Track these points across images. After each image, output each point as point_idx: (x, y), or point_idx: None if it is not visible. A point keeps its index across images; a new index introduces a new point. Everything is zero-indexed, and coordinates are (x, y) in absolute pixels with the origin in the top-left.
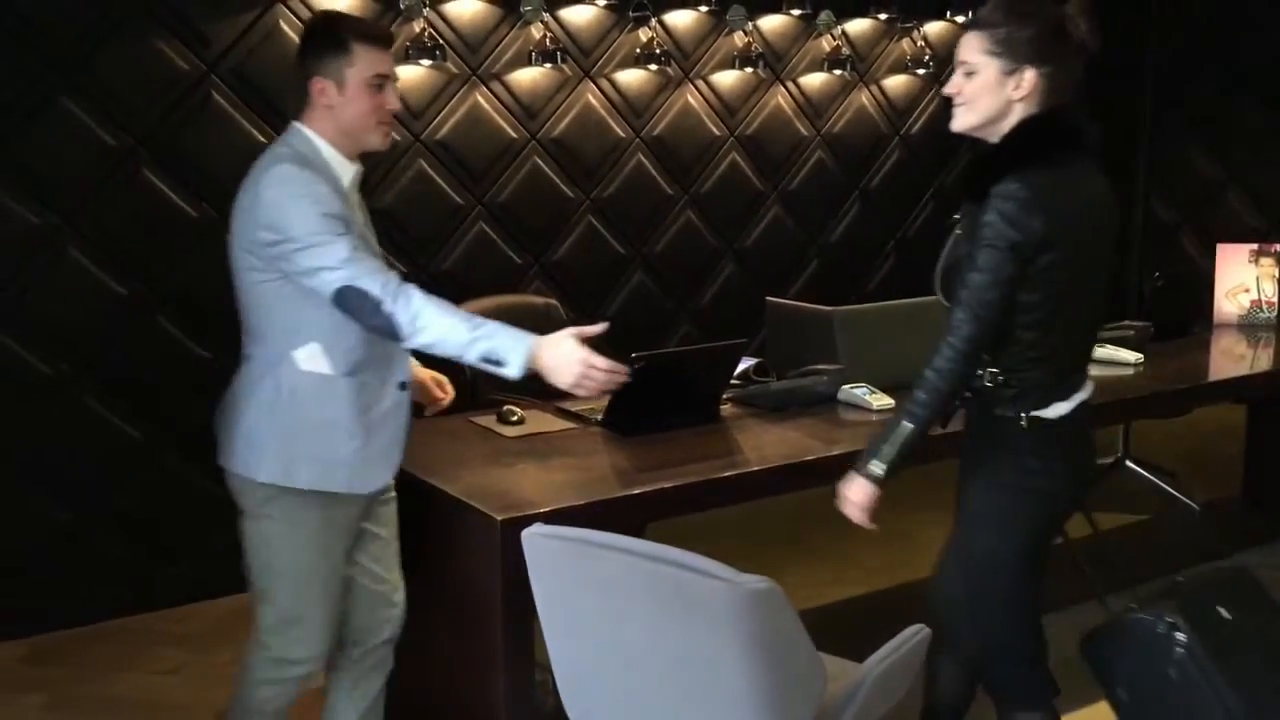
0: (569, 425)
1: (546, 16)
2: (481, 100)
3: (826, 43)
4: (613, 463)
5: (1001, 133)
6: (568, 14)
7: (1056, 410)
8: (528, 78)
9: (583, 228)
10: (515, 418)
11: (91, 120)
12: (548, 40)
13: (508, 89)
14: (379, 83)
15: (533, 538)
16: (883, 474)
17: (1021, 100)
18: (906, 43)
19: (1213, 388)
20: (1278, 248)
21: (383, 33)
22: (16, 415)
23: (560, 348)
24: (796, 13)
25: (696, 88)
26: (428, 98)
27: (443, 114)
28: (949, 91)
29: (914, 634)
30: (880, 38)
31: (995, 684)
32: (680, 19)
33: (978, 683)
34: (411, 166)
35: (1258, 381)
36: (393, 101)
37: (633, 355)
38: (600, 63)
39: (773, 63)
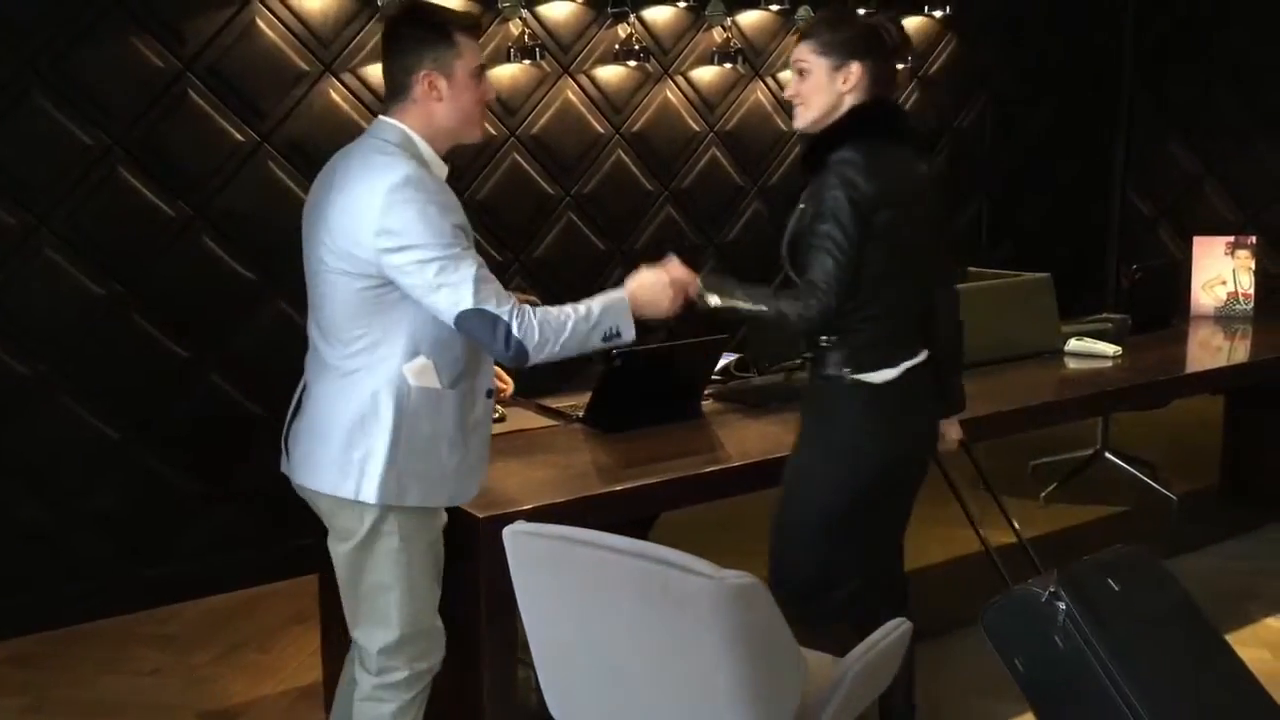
0: (550, 422)
1: (525, 13)
2: None
3: None
4: (594, 459)
5: None
6: (546, 10)
7: (882, 375)
8: (507, 74)
9: (563, 224)
10: (496, 415)
11: (67, 119)
12: (526, 36)
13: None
14: (480, 73)
15: (514, 535)
16: (710, 303)
17: (850, 92)
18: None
19: (1190, 379)
20: (1254, 240)
21: (477, 22)
22: None
23: (645, 283)
24: (775, 8)
25: (676, 83)
26: None
27: None
28: (788, 95)
29: (895, 628)
30: None
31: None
32: (659, 15)
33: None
34: None
35: (1235, 373)
36: (491, 90)
37: (613, 352)
38: (579, 59)
39: (751, 58)
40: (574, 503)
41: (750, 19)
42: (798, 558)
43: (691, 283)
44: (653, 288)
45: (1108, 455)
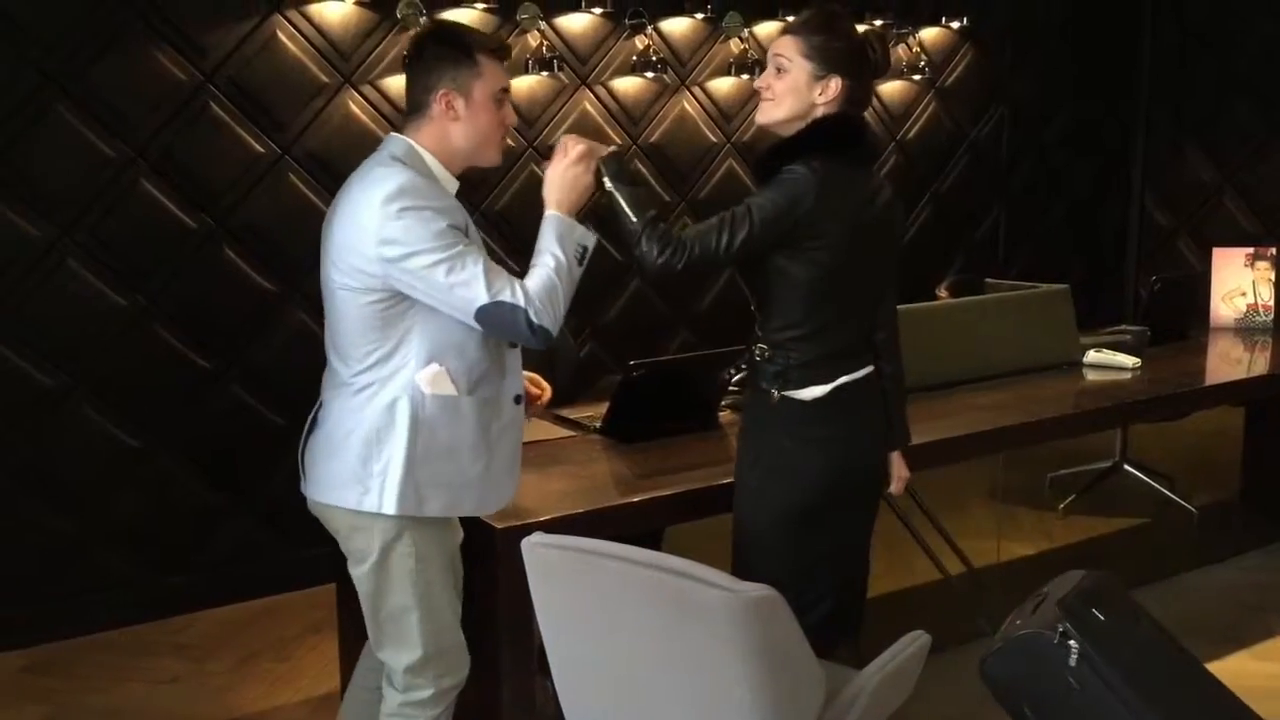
0: (567, 433)
1: (543, 25)
2: None
3: None
4: (612, 470)
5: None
6: (564, 22)
7: (811, 393)
8: (525, 86)
9: None
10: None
11: (89, 131)
12: (544, 48)
13: None
14: (502, 97)
15: (532, 547)
16: (604, 182)
17: (824, 105)
18: (902, 48)
19: (1210, 391)
20: (1273, 251)
21: (503, 45)
22: (15, 425)
23: (555, 183)
24: (791, 19)
25: (693, 94)
26: None
27: None
28: (758, 85)
29: (912, 640)
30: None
31: None
32: (676, 26)
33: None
34: None
35: (1255, 385)
36: (511, 116)
37: (630, 363)
38: (597, 70)
39: None
40: (591, 514)
41: (768, 30)
42: (752, 579)
43: (596, 150)
44: (562, 180)
45: (1127, 467)
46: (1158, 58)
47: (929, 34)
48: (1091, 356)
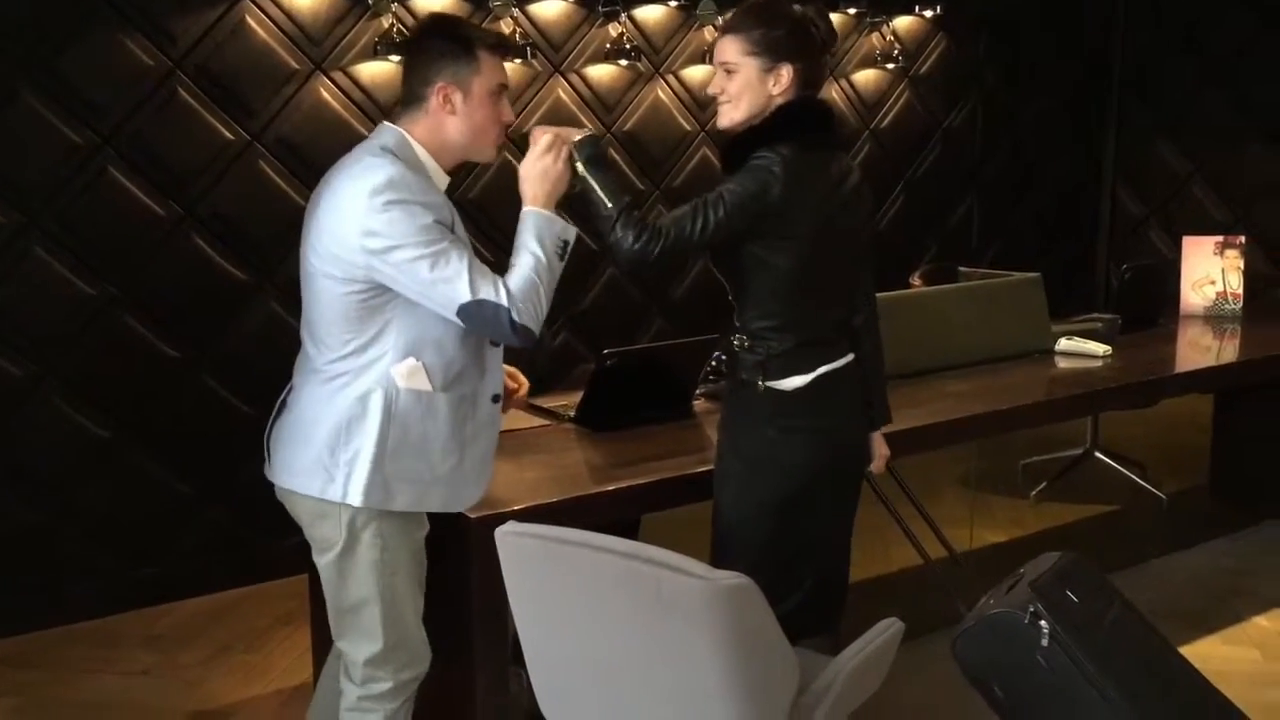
0: (541, 422)
1: (516, 12)
2: None
3: None
4: (586, 459)
5: None
6: (537, 9)
7: (793, 383)
8: None
9: None
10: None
11: (56, 118)
12: (517, 35)
13: None
14: (499, 93)
15: (506, 536)
16: (576, 167)
17: (781, 94)
18: (876, 37)
19: (1180, 379)
20: (1243, 240)
21: (504, 42)
22: None
23: (530, 176)
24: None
25: (667, 82)
26: (392, 96)
27: None
28: (712, 91)
29: (887, 627)
30: (850, 32)
31: None
32: (650, 14)
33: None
34: None
35: (1224, 373)
36: (508, 113)
37: (605, 351)
38: (570, 58)
39: None
40: (565, 503)
41: None
42: (732, 568)
43: (567, 136)
44: (533, 171)
45: (1097, 454)
46: (1130, 47)
47: (902, 23)
48: (1063, 344)
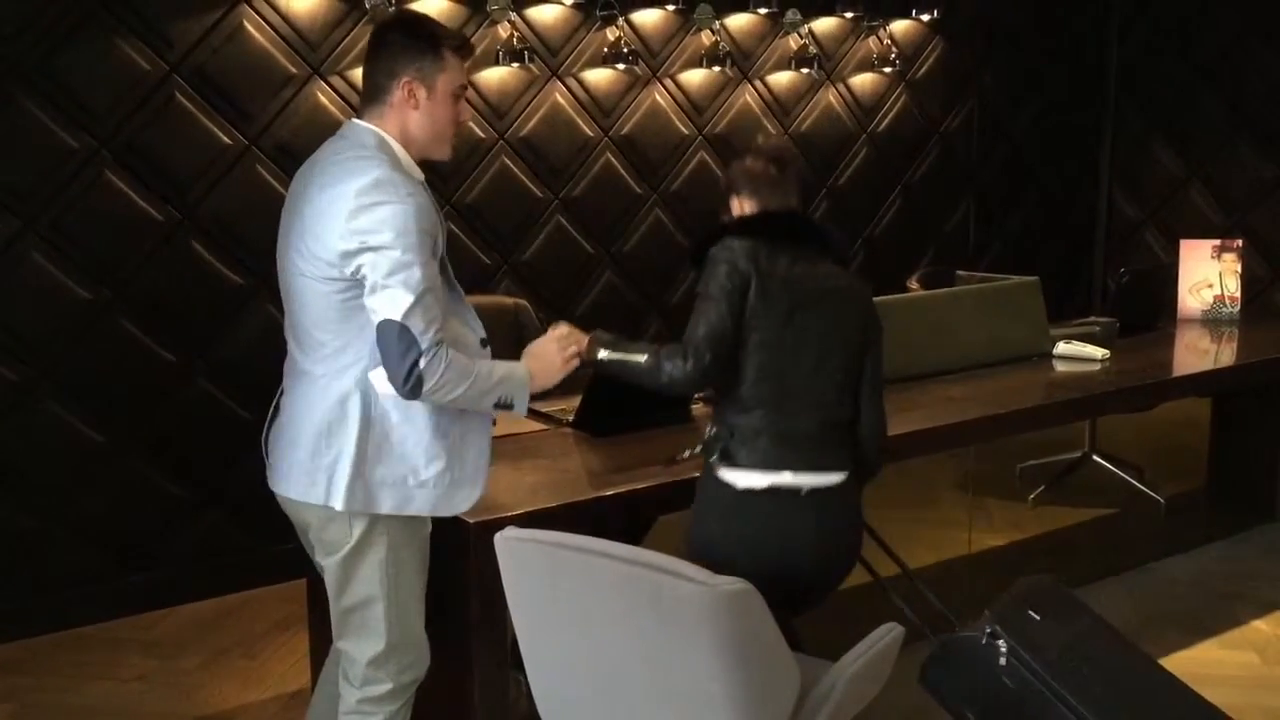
0: (540, 427)
1: (513, 16)
2: None
3: (793, 41)
4: (585, 464)
5: None
6: (534, 13)
7: (747, 479)
8: (495, 77)
9: (551, 227)
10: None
11: (53, 122)
12: (515, 39)
13: (476, 89)
14: (460, 94)
15: (506, 541)
16: (599, 355)
17: (745, 216)
18: (873, 41)
19: (1178, 383)
20: (1240, 243)
21: (467, 43)
22: None
23: (537, 354)
24: (763, 11)
25: (664, 86)
26: None
27: None
28: None
29: (886, 632)
30: (846, 36)
31: None
32: (647, 18)
33: None
34: None
35: (1222, 376)
36: (466, 114)
37: (602, 356)
38: (568, 62)
39: (740, 61)
40: (564, 508)
41: (738, 22)
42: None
43: (581, 341)
44: (544, 357)
45: (1095, 458)
46: (1126, 51)
47: (899, 26)
48: (1061, 348)
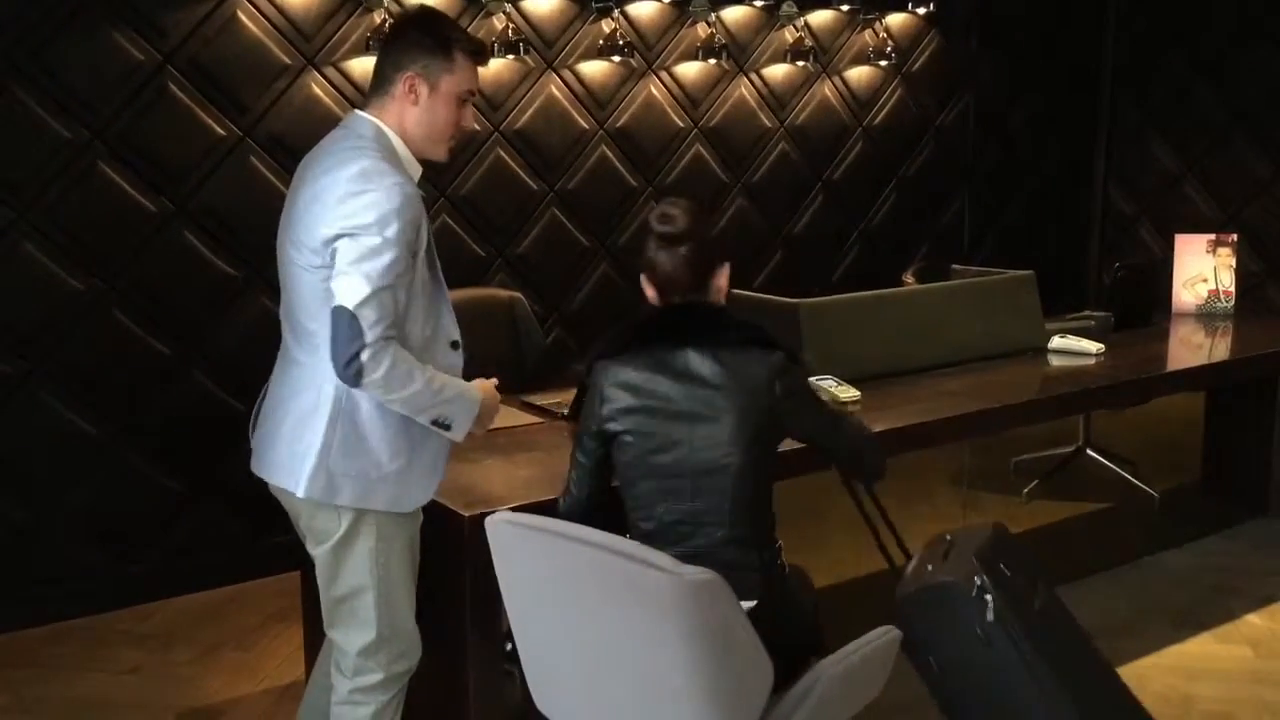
0: (534, 419)
1: (508, 7)
2: None
3: (789, 34)
4: None
5: None
6: (530, 5)
7: None
8: (490, 69)
9: (546, 220)
10: None
11: (46, 113)
12: (510, 31)
13: None
14: (467, 99)
15: (496, 525)
16: None
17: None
18: (869, 34)
19: (1172, 377)
20: (1235, 238)
21: (483, 49)
22: None
23: (492, 397)
24: (759, 4)
25: (660, 79)
26: None
27: None
28: None
29: (881, 634)
30: (842, 29)
31: None
32: (643, 10)
33: None
34: None
35: (1216, 371)
36: (470, 121)
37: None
38: (563, 54)
39: (736, 54)
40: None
41: (734, 15)
42: None
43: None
44: (492, 406)
45: (1089, 452)
46: (1121, 45)
47: (895, 20)
48: (1056, 342)
